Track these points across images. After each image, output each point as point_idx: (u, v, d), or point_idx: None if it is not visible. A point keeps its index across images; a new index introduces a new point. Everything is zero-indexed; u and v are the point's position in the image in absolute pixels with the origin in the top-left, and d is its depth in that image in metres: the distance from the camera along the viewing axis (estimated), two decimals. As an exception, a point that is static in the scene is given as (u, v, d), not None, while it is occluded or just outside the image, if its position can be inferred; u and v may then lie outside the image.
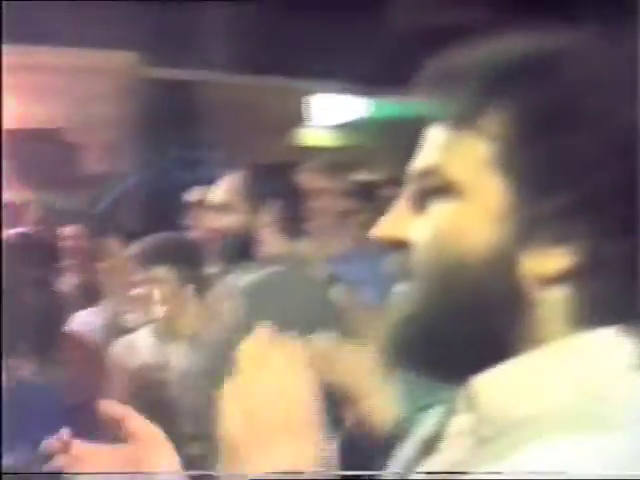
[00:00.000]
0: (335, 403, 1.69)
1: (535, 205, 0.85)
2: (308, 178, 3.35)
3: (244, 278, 2.83)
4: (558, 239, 0.85)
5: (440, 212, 0.90)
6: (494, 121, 0.88)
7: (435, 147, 0.92)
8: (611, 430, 0.79)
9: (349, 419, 1.62)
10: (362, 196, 3.78)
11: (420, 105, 0.94)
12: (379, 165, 8.39)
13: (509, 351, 0.87)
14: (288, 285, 2.81)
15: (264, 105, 8.85)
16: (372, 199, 3.88)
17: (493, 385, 0.88)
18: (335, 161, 3.84)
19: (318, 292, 2.90)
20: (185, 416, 2.98)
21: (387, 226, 0.96)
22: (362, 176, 4.07)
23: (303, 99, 9.73)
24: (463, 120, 0.90)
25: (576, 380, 0.85)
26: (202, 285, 3.26)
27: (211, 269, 3.24)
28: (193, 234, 3.99)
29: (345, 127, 10.02)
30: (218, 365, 1.12)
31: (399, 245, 0.94)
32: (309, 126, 9.84)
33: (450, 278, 0.89)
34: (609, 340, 0.85)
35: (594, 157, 0.85)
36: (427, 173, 0.92)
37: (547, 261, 0.85)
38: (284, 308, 2.69)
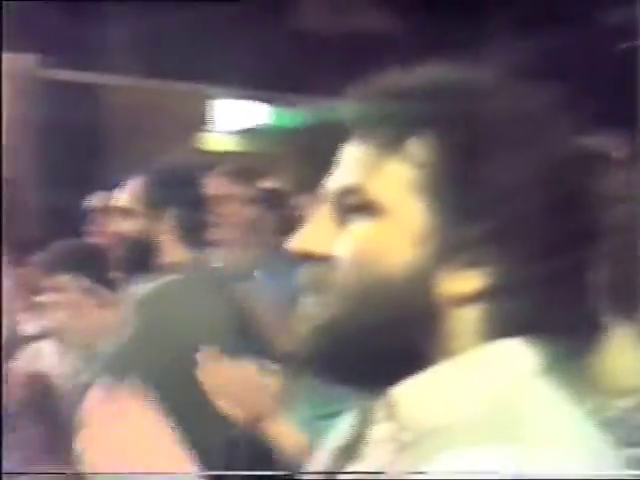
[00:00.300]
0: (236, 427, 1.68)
1: (454, 229, 0.90)
2: (212, 184, 3.31)
3: (142, 287, 2.78)
4: (473, 262, 0.90)
5: (361, 230, 0.93)
6: (419, 147, 0.92)
7: (357, 166, 0.95)
8: (518, 438, 0.83)
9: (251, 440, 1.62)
10: (268, 204, 3.76)
11: (327, 113, 0.97)
12: (284, 172, 8.42)
13: (424, 363, 0.91)
14: (186, 294, 2.77)
15: (167, 109, 8.77)
16: (279, 207, 3.87)
17: (411, 394, 0.92)
18: (240, 167, 3.80)
19: (220, 301, 2.87)
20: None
21: (306, 239, 0.97)
22: (268, 183, 4.06)
23: (206, 103, 9.68)
24: (388, 143, 0.93)
25: (485, 389, 0.90)
26: (106, 293, 3.20)
27: (114, 277, 3.18)
28: (96, 240, 3.92)
29: (248, 133, 10.00)
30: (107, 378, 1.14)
31: (317, 258, 0.95)
32: (213, 131, 9.79)
33: (369, 293, 0.92)
34: (514, 350, 0.91)
35: (512, 186, 0.89)
36: (349, 191, 0.94)
37: (462, 282, 0.90)
38: (180, 318, 2.66)
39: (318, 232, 0.97)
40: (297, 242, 0.97)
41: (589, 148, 1.00)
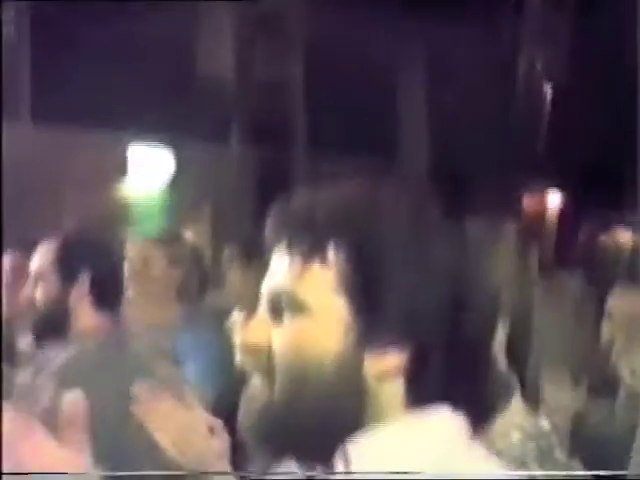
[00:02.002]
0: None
1: (372, 319, 1.08)
2: (129, 246, 3.23)
3: (55, 355, 2.66)
4: (392, 344, 1.08)
5: (294, 325, 1.12)
6: (336, 253, 1.10)
7: (286, 272, 1.14)
8: None
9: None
10: (187, 263, 3.71)
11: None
12: (202, 224, 8.38)
13: (359, 433, 1.09)
14: (101, 362, 2.64)
15: (80, 160, 8.61)
16: (198, 265, 3.83)
17: (360, 455, 1.09)
18: (160, 227, 3.73)
19: (137, 368, 2.75)
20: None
21: (249, 334, 1.16)
22: (187, 237, 3.99)
23: (120, 152, 9.56)
24: (310, 252, 1.11)
25: (424, 450, 1.08)
26: (15, 361, 3.05)
27: (24, 344, 3.05)
28: (7, 306, 3.76)
29: (164, 181, 9.91)
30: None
31: (259, 349, 1.14)
32: (128, 180, 9.67)
33: (304, 377, 1.10)
34: (442, 416, 1.10)
35: (418, 282, 1.09)
36: (280, 294, 1.13)
37: (383, 361, 1.08)
38: (97, 387, 2.54)
39: (258, 327, 1.15)
40: (242, 337, 1.18)
41: (470, 244, 1.17)
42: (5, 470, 1.08)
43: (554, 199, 11.74)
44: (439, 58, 10.89)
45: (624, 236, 7.97)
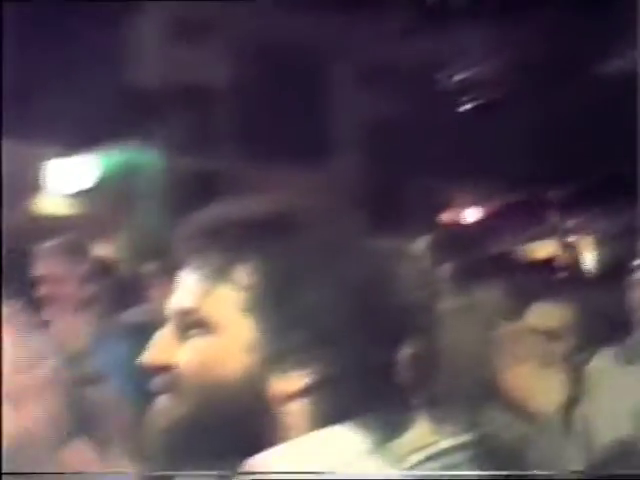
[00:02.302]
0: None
1: (278, 340, 1.09)
2: (43, 264, 3.16)
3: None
4: (299, 364, 1.08)
5: (199, 344, 1.11)
6: (244, 272, 1.10)
7: (192, 290, 1.13)
8: None
9: None
10: (102, 278, 3.64)
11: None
12: (122, 237, 8.25)
13: (263, 451, 1.09)
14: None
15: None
16: (112, 280, 3.77)
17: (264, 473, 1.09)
18: (71, 243, 3.64)
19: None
20: None
21: (155, 353, 1.14)
22: (101, 251, 3.92)
23: (37, 165, 9.39)
24: (218, 270, 1.11)
25: (323, 469, 1.06)
26: None
27: None
28: None
29: (80, 194, 9.74)
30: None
31: (165, 368, 1.13)
32: (45, 194, 9.50)
33: (210, 395, 1.10)
34: (343, 434, 1.10)
35: (326, 302, 1.09)
36: (186, 312, 1.13)
37: (290, 381, 1.09)
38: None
39: (164, 346, 1.14)
40: (148, 357, 1.15)
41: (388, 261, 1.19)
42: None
43: (475, 211, 11.87)
44: (369, 68, 10.99)
45: (545, 249, 8.11)
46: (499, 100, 10.19)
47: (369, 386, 1.12)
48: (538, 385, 2.83)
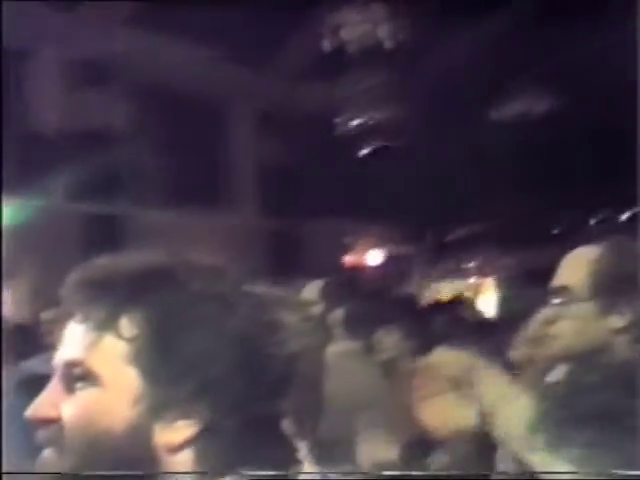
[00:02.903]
0: None
1: (163, 390, 1.10)
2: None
3: None
4: (183, 415, 1.10)
5: (84, 396, 1.11)
6: (129, 323, 1.11)
7: (78, 342, 1.13)
8: None
9: None
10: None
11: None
12: (22, 284, 8.13)
13: None
14: None
15: None
16: (12, 328, 3.73)
17: None
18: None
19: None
20: None
21: (40, 406, 1.14)
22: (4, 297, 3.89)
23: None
24: (103, 322, 1.11)
25: None
26: None
27: None
28: None
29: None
30: None
31: (50, 421, 1.12)
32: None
33: (94, 447, 1.10)
34: None
35: (209, 353, 1.10)
36: (72, 364, 1.12)
37: (174, 432, 1.10)
38: None
39: (49, 399, 1.14)
40: (33, 410, 1.14)
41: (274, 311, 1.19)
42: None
43: (377, 255, 11.98)
44: (268, 114, 11.06)
45: (446, 291, 8.25)
46: (398, 145, 10.36)
47: (254, 434, 1.12)
48: (449, 415, 2.80)
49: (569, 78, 10.99)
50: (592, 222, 11.76)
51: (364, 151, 9.77)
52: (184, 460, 1.11)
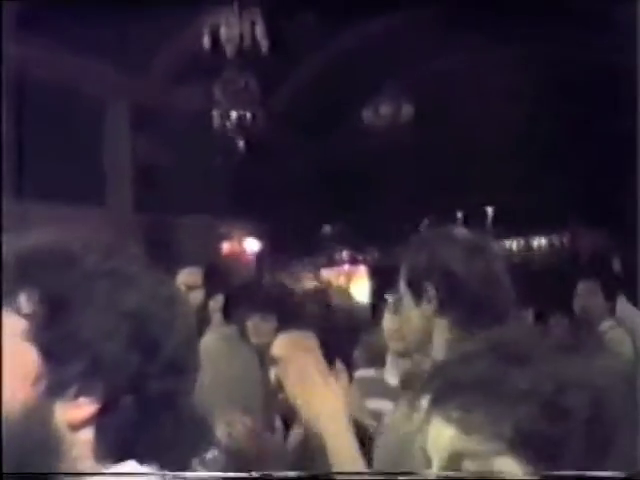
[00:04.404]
0: None
1: (60, 368, 1.09)
2: None
3: None
4: (80, 393, 1.09)
5: None
6: (25, 301, 1.11)
7: None
8: None
9: None
10: None
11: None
12: None
13: None
14: None
15: None
16: None
17: None
18: None
19: None
20: None
21: None
22: None
23: None
24: (2, 300, 1.11)
25: None
26: None
27: None
28: None
29: None
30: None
31: None
32: None
33: None
34: (132, 469, 1.11)
35: (100, 331, 1.10)
36: None
37: (75, 410, 1.09)
38: None
39: None
40: None
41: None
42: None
43: (252, 244, 12.17)
44: (144, 110, 11.09)
45: (318, 280, 8.48)
46: (270, 142, 10.50)
47: (156, 414, 1.11)
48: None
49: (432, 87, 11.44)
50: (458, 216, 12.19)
51: (238, 148, 9.91)
52: (84, 440, 1.10)
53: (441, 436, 1.04)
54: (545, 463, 0.98)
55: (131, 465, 1.10)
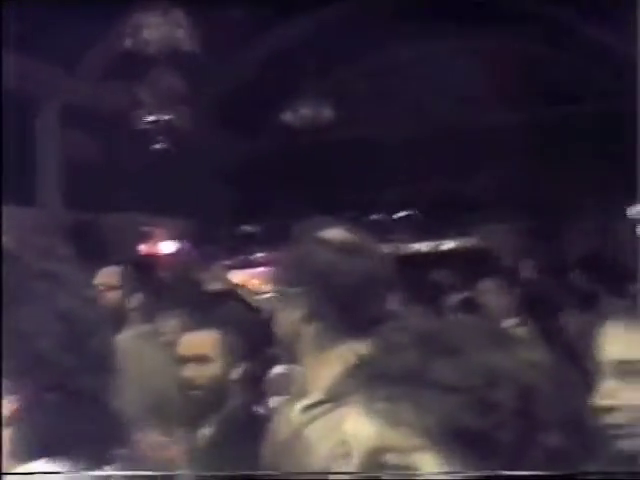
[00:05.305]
0: None
1: None
2: None
3: None
4: (9, 390, 1.10)
5: None
6: None
7: None
8: None
9: None
10: None
11: None
12: None
13: None
14: None
15: None
16: None
17: None
18: None
19: None
20: None
21: None
22: None
23: None
24: None
25: None
26: None
27: None
28: None
29: None
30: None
31: None
32: None
33: None
34: (42, 469, 1.11)
35: (27, 329, 1.12)
36: None
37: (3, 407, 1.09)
38: None
39: None
40: None
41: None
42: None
43: (171, 244, 12.25)
44: (71, 109, 11.06)
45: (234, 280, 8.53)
46: (193, 142, 10.54)
47: (77, 411, 1.13)
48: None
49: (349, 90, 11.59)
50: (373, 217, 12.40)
51: (161, 147, 9.95)
52: (8, 437, 1.12)
53: (363, 429, 1.00)
54: (471, 459, 0.95)
55: (41, 464, 1.10)
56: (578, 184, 11.72)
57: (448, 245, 12.93)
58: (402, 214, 12.80)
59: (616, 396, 1.72)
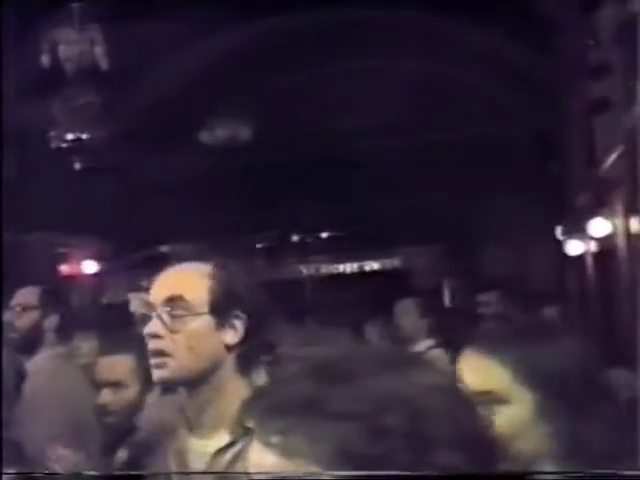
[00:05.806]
0: None
1: None
2: None
3: None
4: None
5: None
6: None
7: None
8: None
9: None
10: None
11: None
12: None
13: None
14: None
15: None
16: None
17: None
18: None
19: None
20: None
21: None
22: None
23: None
24: None
25: None
26: None
27: None
28: None
29: None
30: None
31: None
32: None
33: None
34: None
35: None
36: None
37: None
38: None
39: None
40: None
41: None
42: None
43: (88, 266, 12.11)
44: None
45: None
46: (109, 163, 10.51)
47: None
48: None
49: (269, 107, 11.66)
50: (294, 238, 12.46)
51: (77, 167, 9.86)
52: None
53: (263, 461, 1.02)
54: None
55: None
56: (502, 205, 11.91)
57: (370, 266, 13.04)
58: (324, 235, 12.86)
59: None
